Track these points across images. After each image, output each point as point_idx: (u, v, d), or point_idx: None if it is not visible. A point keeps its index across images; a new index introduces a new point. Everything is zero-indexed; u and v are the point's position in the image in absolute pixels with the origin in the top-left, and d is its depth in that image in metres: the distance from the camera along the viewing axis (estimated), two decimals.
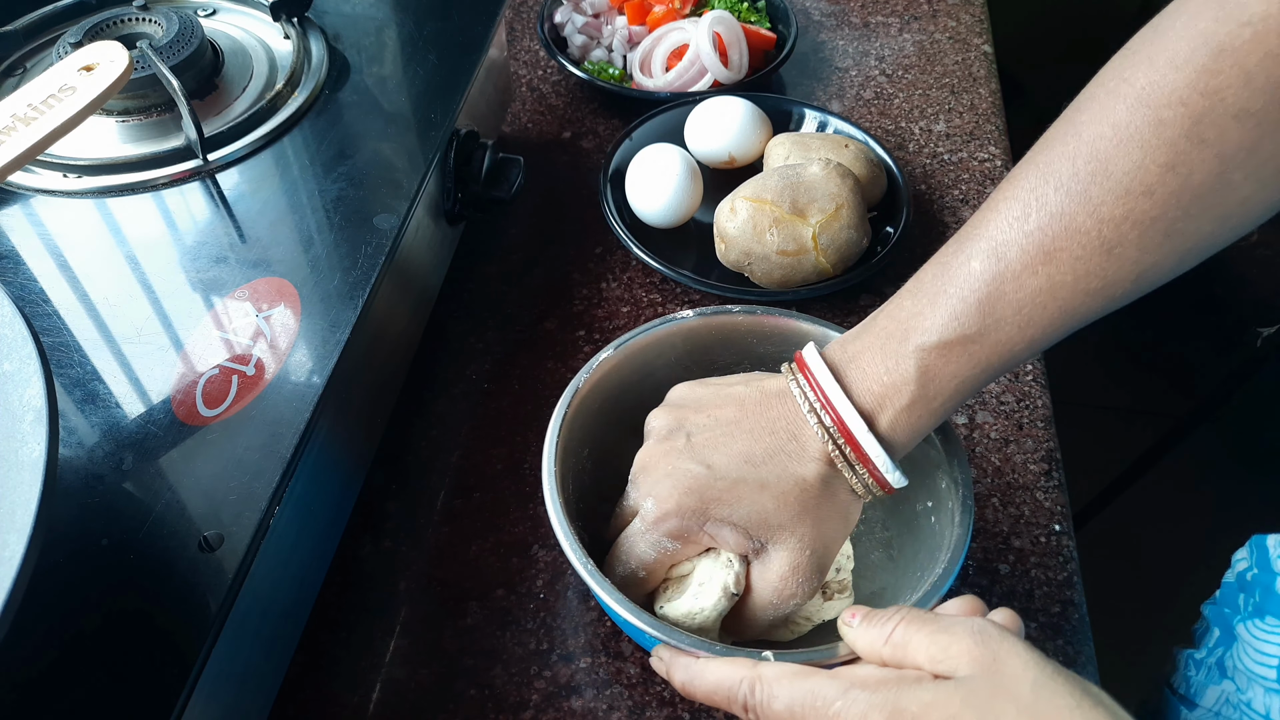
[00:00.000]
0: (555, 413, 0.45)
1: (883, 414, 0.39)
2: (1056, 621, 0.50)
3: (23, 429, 0.31)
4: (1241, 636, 0.55)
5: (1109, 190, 0.34)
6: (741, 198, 0.62)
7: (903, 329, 0.38)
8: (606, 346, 0.48)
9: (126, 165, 0.52)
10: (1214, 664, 0.57)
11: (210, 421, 0.40)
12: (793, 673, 0.34)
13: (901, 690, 0.31)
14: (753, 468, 0.40)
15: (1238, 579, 0.59)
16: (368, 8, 0.64)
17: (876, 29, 0.89)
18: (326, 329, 0.44)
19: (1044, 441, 0.57)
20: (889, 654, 0.33)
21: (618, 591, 0.39)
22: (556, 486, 0.42)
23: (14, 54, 0.57)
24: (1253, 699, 0.53)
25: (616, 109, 0.80)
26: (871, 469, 0.39)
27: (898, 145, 0.77)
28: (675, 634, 0.38)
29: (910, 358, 0.38)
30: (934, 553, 0.43)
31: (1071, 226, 0.35)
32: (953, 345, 0.37)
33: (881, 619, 0.34)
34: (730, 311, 0.49)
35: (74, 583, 0.36)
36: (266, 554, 0.39)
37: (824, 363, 0.40)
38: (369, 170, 0.52)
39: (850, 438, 0.39)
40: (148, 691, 0.33)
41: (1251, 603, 0.55)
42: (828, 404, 0.39)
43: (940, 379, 0.38)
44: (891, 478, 0.39)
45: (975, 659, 0.30)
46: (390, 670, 0.48)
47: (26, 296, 0.45)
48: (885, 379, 0.39)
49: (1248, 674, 0.54)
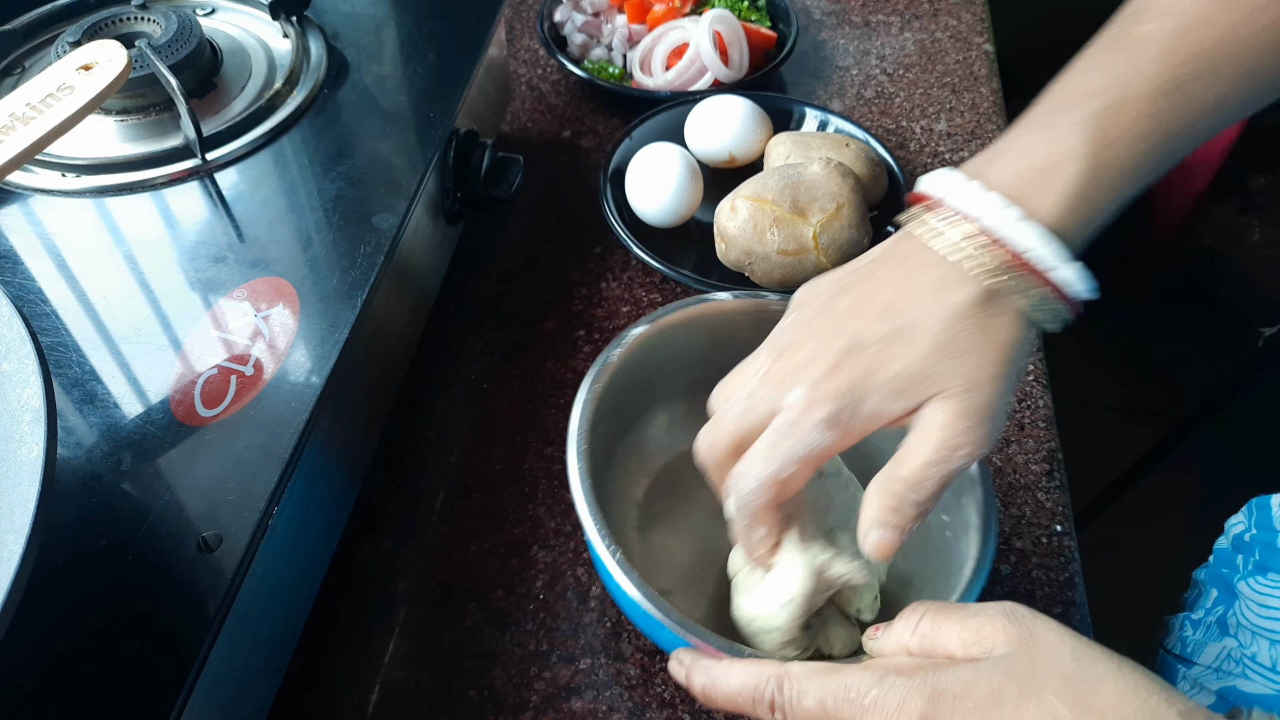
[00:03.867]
0: (582, 388, 0.44)
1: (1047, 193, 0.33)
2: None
3: (21, 429, 0.31)
4: (1244, 593, 0.55)
5: None
6: (742, 197, 0.62)
7: (1063, 101, 0.34)
8: (640, 320, 0.47)
9: (125, 164, 0.51)
10: (1213, 623, 0.57)
11: (209, 422, 0.40)
12: (822, 669, 0.32)
13: (939, 672, 0.29)
14: (894, 319, 0.34)
15: (1233, 542, 0.59)
16: (367, 6, 0.64)
17: (877, 28, 0.89)
18: (325, 329, 0.44)
19: (1045, 442, 0.57)
20: (917, 646, 0.32)
21: (645, 585, 0.37)
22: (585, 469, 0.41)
23: (12, 53, 0.57)
24: (1257, 653, 0.53)
25: (616, 108, 0.80)
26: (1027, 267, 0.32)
27: (899, 144, 0.77)
28: (700, 631, 0.36)
29: (1081, 123, 0.32)
30: (948, 567, 0.42)
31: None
32: (1129, 103, 0.33)
33: (905, 616, 0.33)
34: (765, 297, 0.49)
35: (73, 583, 0.35)
36: (265, 555, 0.39)
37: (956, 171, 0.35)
38: (368, 169, 0.52)
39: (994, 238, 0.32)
40: (147, 692, 0.33)
41: (1252, 560, 0.56)
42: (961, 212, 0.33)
43: (1120, 143, 0.33)
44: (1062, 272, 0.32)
45: (1012, 637, 0.30)
46: (389, 671, 0.48)
47: (25, 296, 0.45)
48: (1046, 150, 0.33)
49: (1252, 629, 0.53)
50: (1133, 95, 0.33)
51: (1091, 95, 0.33)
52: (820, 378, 0.34)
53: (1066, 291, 0.33)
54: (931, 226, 0.34)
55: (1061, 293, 0.33)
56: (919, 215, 0.35)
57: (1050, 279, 0.33)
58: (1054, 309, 0.34)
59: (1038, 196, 0.33)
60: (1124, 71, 0.33)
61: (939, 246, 0.34)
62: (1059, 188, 0.33)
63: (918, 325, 0.33)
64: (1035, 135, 0.34)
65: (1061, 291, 0.33)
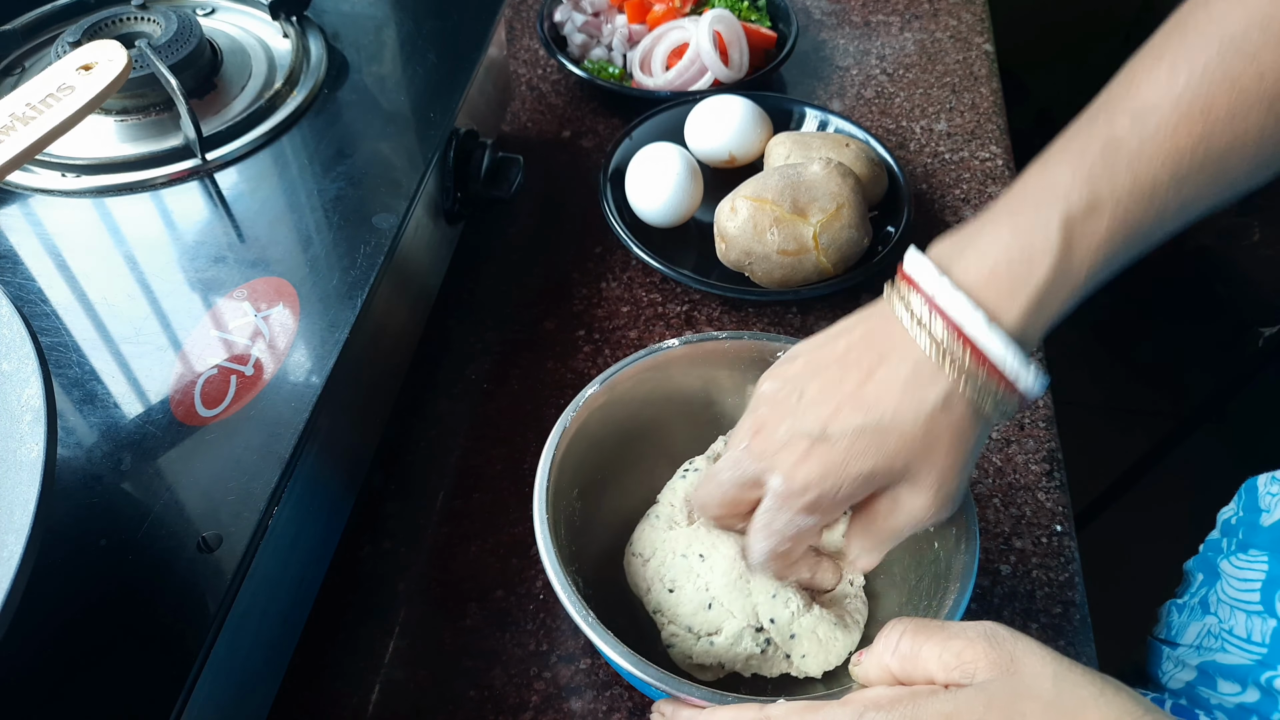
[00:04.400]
0: (542, 459, 0.44)
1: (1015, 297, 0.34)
2: (1058, 623, 0.50)
3: (21, 429, 0.31)
4: (1225, 572, 0.55)
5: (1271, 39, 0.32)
6: (742, 197, 0.62)
7: (1036, 197, 0.34)
8: (591, 383, 0.47)
9: (125, 164, 0.51)
10: (1196, 604, 0.58)
11: (209, 422, 0.40)
12: (802, 708, 0.32)
13: (918, 704, 0.29)
14: (869, 411, 0.36)
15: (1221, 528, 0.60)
16: (367, 6, 0.64)
17: (877, 28, 0.89)
18: (325, 329, 0.44)
19: (1045, 442, 0.57)
20: (898, 667, 0.32)
21: (621, 644, 0.38)
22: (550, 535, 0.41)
23: (12, 53, 0.57)
24: (1234, 626, 0.53)
25: (616, 108, 0.80)
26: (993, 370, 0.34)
27: (899, 144, 0.77)
28: (679, 684, 0.37)
29: (1050, 224, 0.33)
30: (939, 579, 0.42)
31: (1229, 78, 0.33)
32: (1102, 206, 0.33)
33: (884, 635, 0.33)
34: (717, 338, 0.49)
35: (73, 583, 0.35)
36: (265, 554, 0.39)
37: (928, 259, 0.36)
38: (368, 169, 0.52)
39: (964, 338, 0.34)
40: (147, 692, 0.33)
41: (1235, 541, 0.56)
42: (933, 304, 0.34)
43: (1087, 247, 0.33)
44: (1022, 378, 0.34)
45: (992, 661, 0.29)
46: (389, 671, 0.48)
47: (25, 296, 0.45)
48: (1016, 252, 0.34)
49: (1230, 604, 0.54)
50: (1103, 199, 0.33)
51: (1063, 194, 0.34)
52: (794, 465, 0.37)
53: (1024, 393, 0.35)
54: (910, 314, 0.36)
55: (1020, 394, 0.35)
56: (899, 296, 0.37)
57: (1013, 384, 0.35)
58: (1011, 407, 0.36)
59: (1004, 299, 0.34)
60: (1096, 173, 0.34)
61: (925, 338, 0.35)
62: (1025, 291, 0.34)
63: (888, 422, 0.36)
64: (1006, 229, 0.35)
65: (1020, 393, 0.35)
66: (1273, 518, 0.54)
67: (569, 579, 0.40)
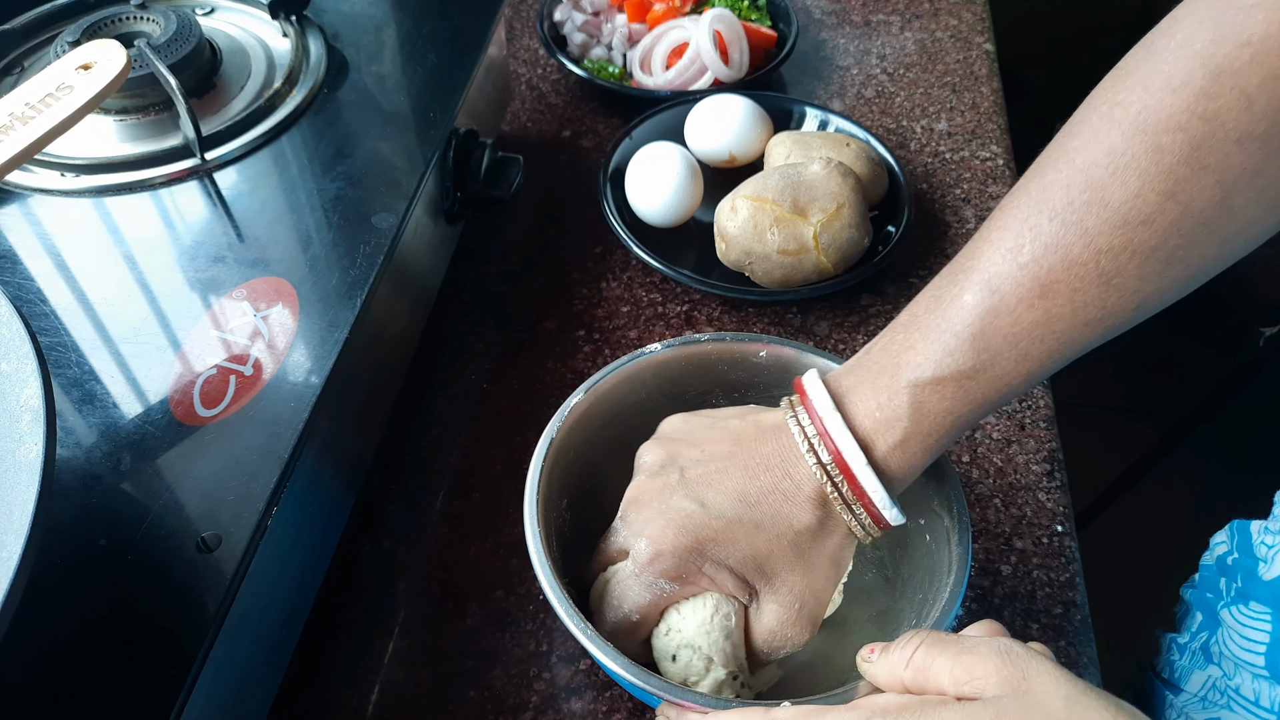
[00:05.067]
0: (531, 470, 0.43)
1: (877, 448, 0.38)
2: (1059, 623, 0.50)
3: (20, 429, 0.30)
4: (1226, 622, 0.54)
5: (1106, 220, 0.33)
6: (742, 197, 0.62)
7: (895, 363, 0.38)
8: (576, 391, 0.46)
9: (124, 164, 0.51)
10: (1198, 649, 0.57)
11: (208, 422, 0.40)
12: (807, 712, 0.32)
13: (926, 713, 0.29)
14: (748, 507, 0.38)
15: (1217, 562, 0.59)
16: (366, 6, 0.64)
17: (878, 27, 0.89)
18: (325, 329, 0.44)
19: (1046, 442, 0.57)
20: (910, 679, 0.32)
21: (620, 655, 0.37)
22: (543, 547, 0.40)
23: (12, 53, 0.57)
24: (1241, 685, 0.53)
25: (616, 107, 0.80)
26: (868, 505, 0.38)
27: (899, 144, 0.77)
28: (681, 691, 0.37)
29: (903, 393, 0.37)
30: (934, 573, 0.42)
31: (1068, 258, 0.34)
32: (946, 381, 0.36)
33: (900, 645, 0.33)
34: (699, 341, 0.48)
35: (72, 583, 0.35)
36: (265, 555, 0.39)
37: (826, 391, 0.39)
38: (368, 169, 0.52)
39: (848, 472, 0.37)
40: (146, 692, 0.33)
41: (1234, 587, 0.55)
42: (826, 435, 0.38)
43: (934, 415, 0.37)
44: (889, 514, 0.38)
45: (1004, 678, 0.29)
46: (389, 671, 0.48)
47: (24, 296, 0.45)
48: (878, 414, 0.38)
49: (1234, 660, 0.53)
50: (946, 373, 0.36)
51: (915, 367, 0.37)
52: (665, 531, 0.39)
53: (885, 516, 0.38)
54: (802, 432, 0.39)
55: (881, 518, 0.38)
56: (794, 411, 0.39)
57: (876, 511, 0.38)
58: (873, 530, 0.39)
59: (874, 449, 0.38)
60: (944, 346, 0.36)
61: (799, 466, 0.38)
62: (889, 441, 0.37)
63: (769, 524, 0.38)
64: (871, 389, 0.38)
65: (881, 518, 0.38)
66: (1272, 571, 0.53)
67: (564, 592, 0.39)
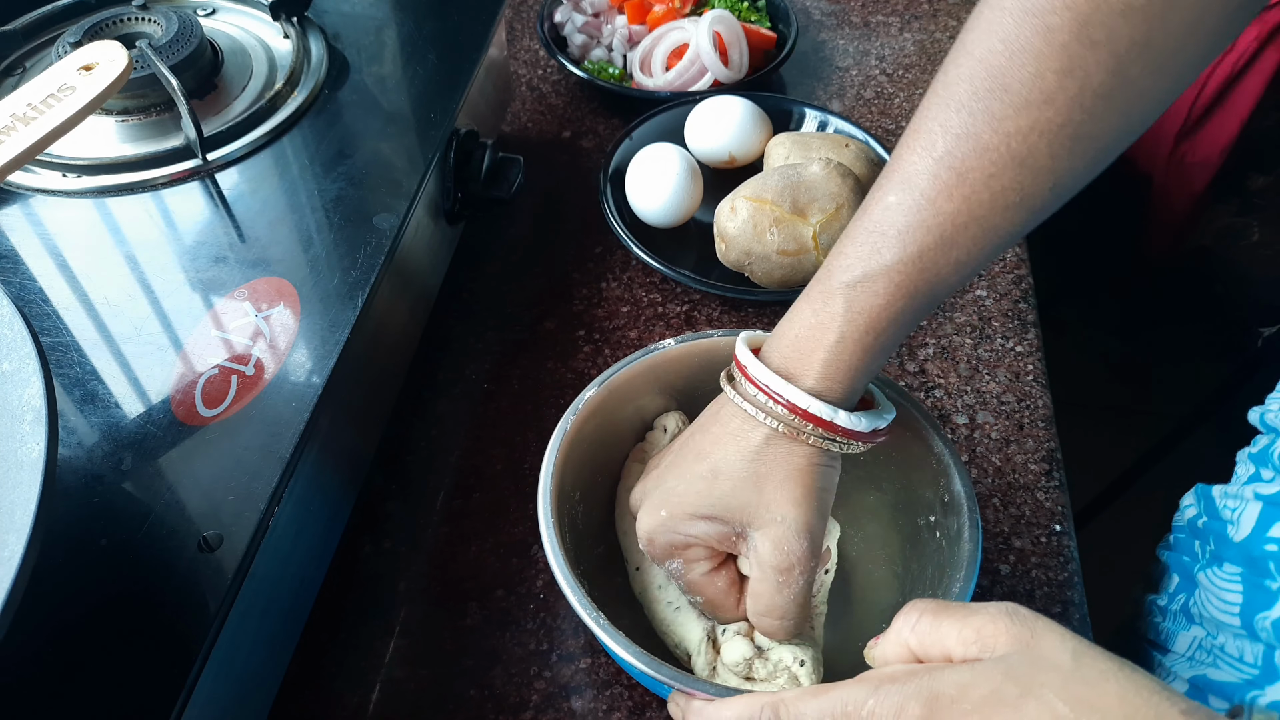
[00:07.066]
0: (544, 467, 0.44)
1: (812, 357, 0.38)
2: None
3: (22, 429, 0.31)
4: (1202, 584, 0.55)
5: (1010, 104, 0.34)
6: (742, 197, 0.62)
7: (826, 272, 0.39)
8: (590, 385, 0.47)
9: (126, 165, 0.51)
10: (1179, 611, 0.58)
11: (210, 421, 0.40)
12: (816, 689, 0.33)
13: (934, 675, 0.30)
14: (704, 461, 0.41)
15: (1188, 525, 0.59)
16: (367, 7, 0.64)
17: (877, 28, 0.89)
18: (326, 329, 0.44)
19: (1045, 441, 0.57)
20: (916, 643, 0.32)
21: (631, 643, 0.38)
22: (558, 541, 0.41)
23: (13, 53, 0.57)
24: (1225, 644, 0.54)
25: (616, 108, 0.80)
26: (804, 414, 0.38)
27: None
28: (690, 680, 0.38)
29: (836, 295, 0.38)
30: (944, 570, 0.42)
31: (979, 145, 0.35)
32: (876, 276, 0.37)
33: (903, 615, 0.33)
34: (710, 336, 0.49)
35: (73, 583, 0.36)
36: (266, 554, 0.39)
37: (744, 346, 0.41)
38: (368, 170, 0.52)
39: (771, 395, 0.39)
40: (147, 691, 0.33)
41: (1208, 550, 0.56)
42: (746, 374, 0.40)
43: (869, 311, 0.37)
44: (844, 420, 0.38)
45: (1014, 636, 0.29)
46: (390, 671, 0.48)
47: (26, 296, 0.45)
48: (812, 320, 0.38)
49: (1215, 621, 0.54)
50: (877, 269, 0.37)
51: (846, 269, 0.38)
52: (646, 518, 0.42)
53: (851, 430, 0.39)
54: (732, 384, 0.41)
55: (849, 431, 0.39)
56: (727, 375, 0.42)
57: (833, 423, 0.38)
58: (845, 444, 0.39)
59: (801, 368, 0.39)
60: (871, 246, 0.37)
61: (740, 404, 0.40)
62: (816, 358, 0.38)
63: (722, 465, 0.40)
64: (806, 307, 0.39)
65: (848, 430, 0.39)
66: (1240, 533, 0.54)
67: (578, 584, 0.40)
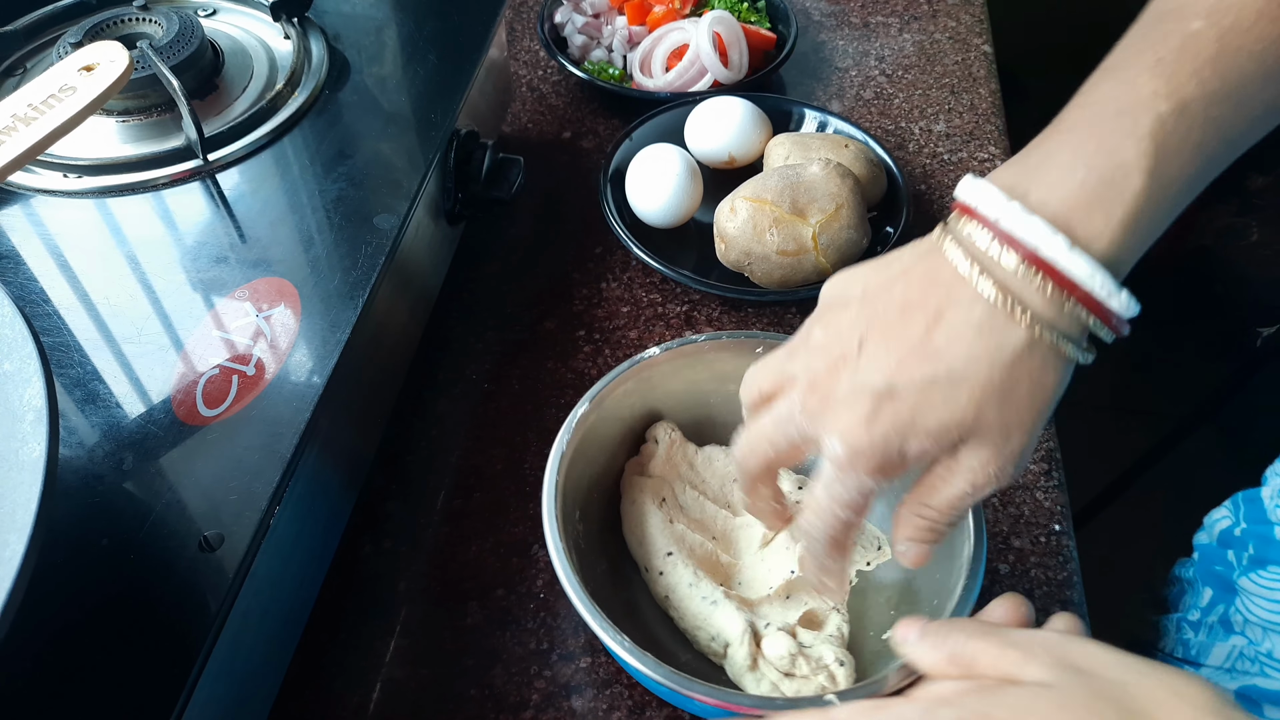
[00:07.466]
0: (545, 488, 0.44)
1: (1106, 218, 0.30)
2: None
3: (23, 429, 0.31)
4: (1245, 589, 0.54)
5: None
6: (741, 198, 0.62)
7: (1115, 102, 0.31)
8: (580, 402, 0.47)
9: (127, 165, 0.52)
10: (1215, 623, 0.56)
11: (210, 421, 0.40)
12: (868, 706, 0.30)
13: (985, 697, 0.28)
14: (938, 361, 0.32)
15: (1219, 538, 0.58)
16: (368, 8, 0.64)
17: (876, 29, 0.89)
18: (327, 329, 0.44)
19: (1044, 441, 0.57)
20: (954, 672, 0.31)
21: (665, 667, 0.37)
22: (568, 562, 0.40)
23: (14, 54, 0.57)
24: (1272, 649, 0.52)
25: (616, 109, 0.80)
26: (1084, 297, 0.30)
27: (898, 145, 0.77)
28: (728, 694, 0.36)
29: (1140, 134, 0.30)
30: (950, 549, 0.42)
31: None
32: (1192, 110, 0.30)
33: (941, 634, 0.31)
34: (695, 341, 0.49)
35: (74, 583, 0.36)
36: (267, 554, 0.39)
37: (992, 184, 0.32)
38: (369, 170, 0.52)
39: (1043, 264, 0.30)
40: (148, 691, 0.33)
41: (1246, 555, 0.55)
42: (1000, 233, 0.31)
43: (1182, 154, 0.30)
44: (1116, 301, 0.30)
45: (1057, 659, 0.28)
46: (390, 670, 0.48)
47: (27, 296, 0.45)
48: (1102, 163, 0.30)
49: (1261, 624, 0.52)
50: (1191, 100, 0.30)
51: (1147, 99, 0.30)
52: (855, 425, 0.33)
53: (1118, 317, 0.31)
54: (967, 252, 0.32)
55: (1114, 321, 0.31)
56: (961, 228, 0.32)
57: (1106, 309, 0.31)
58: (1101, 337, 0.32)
59: (1092, 219, 0.30)
60: (1181, 73, 0.30)
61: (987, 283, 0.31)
62: (1119, 209, 0.30)
63: (960, 371, 0.32)
64: (1086, 142, 0.31)
65: (1115, 319, 0.31)
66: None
67: (594, 605, 0.39)
